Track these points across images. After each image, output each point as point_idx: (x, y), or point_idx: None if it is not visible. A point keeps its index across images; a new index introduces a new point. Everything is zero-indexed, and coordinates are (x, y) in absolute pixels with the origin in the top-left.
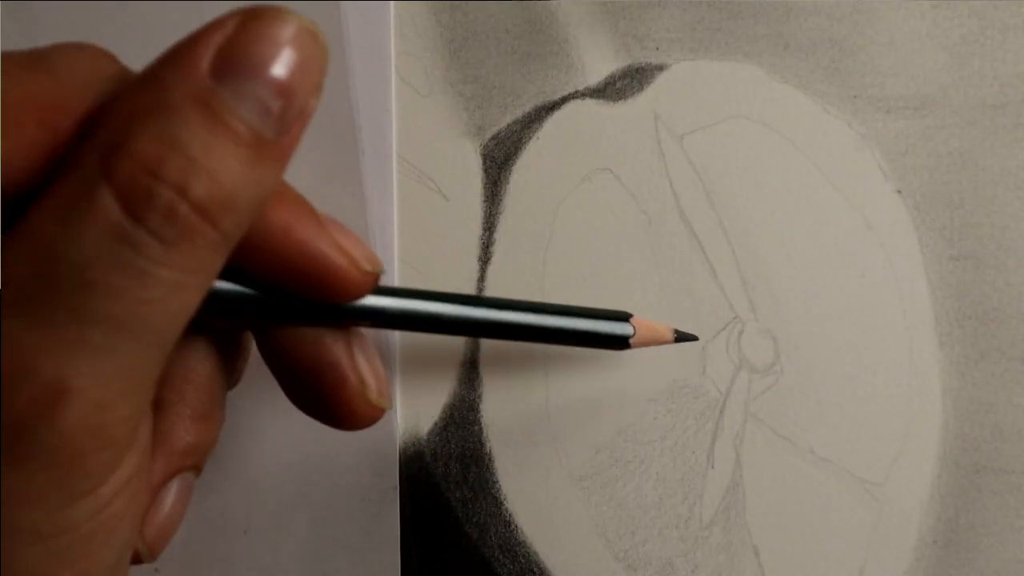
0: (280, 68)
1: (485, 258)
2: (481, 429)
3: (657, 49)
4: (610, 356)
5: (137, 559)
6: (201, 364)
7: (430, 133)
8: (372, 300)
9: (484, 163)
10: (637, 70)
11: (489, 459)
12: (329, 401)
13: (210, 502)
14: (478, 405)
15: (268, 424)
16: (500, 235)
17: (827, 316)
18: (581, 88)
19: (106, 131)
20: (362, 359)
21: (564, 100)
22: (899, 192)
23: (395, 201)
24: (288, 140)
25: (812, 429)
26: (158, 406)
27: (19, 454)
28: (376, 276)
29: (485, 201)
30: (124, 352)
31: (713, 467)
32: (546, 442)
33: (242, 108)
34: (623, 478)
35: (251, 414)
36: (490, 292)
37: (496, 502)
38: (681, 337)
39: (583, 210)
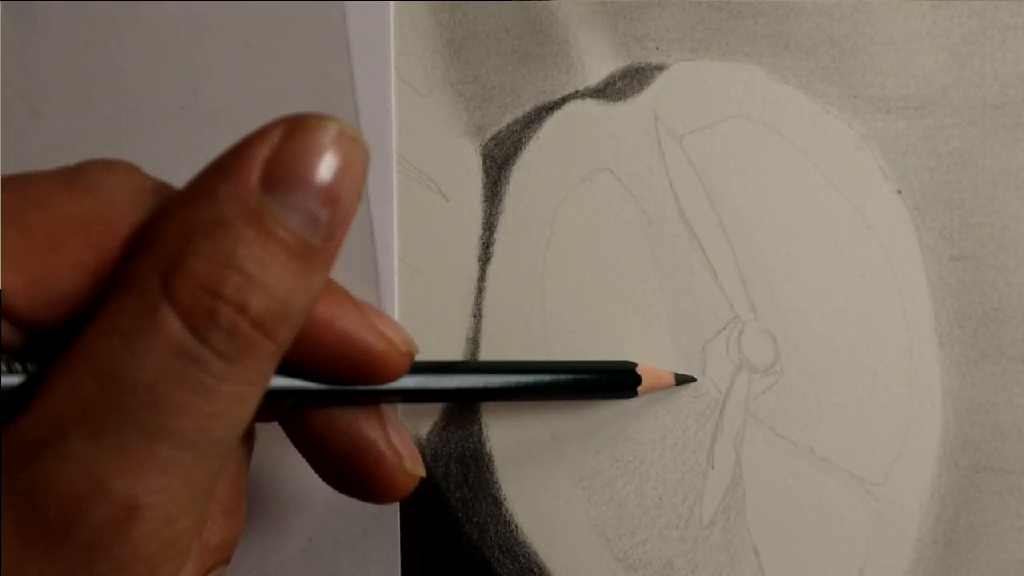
0: (326, 176)
1: (485, 258)
2: (481, 429)
3: (657, 49)
4: (610, 356)
5: None
6: (231, 461)
7: (430, 133)
8: (405, 379)
9: (484, 163)
10: (637, 70)
11: (489, 459)
12: (369, 478)
13: None
14: (478, 406)
15: (268, 424)
16: (500, 235)
17: (827, 316)
18: (581, 88)
19: (163, 249)
20: (395, 434)
21: (564, 100)
22: (899, 192)
23: (395, 201)
24: (334, 245)
25: (812, 429)
26: None
27: (95, 571)
28: (412, 356)
29: (485, 201)
30: (191, 466)
31: (713, 467)
32: (546, 442)
33: (291, 220)
34: (623, 478)
35: None
36: (490, 292)
37: (496, 502)
38: (681, 380)
39: (583, 210)
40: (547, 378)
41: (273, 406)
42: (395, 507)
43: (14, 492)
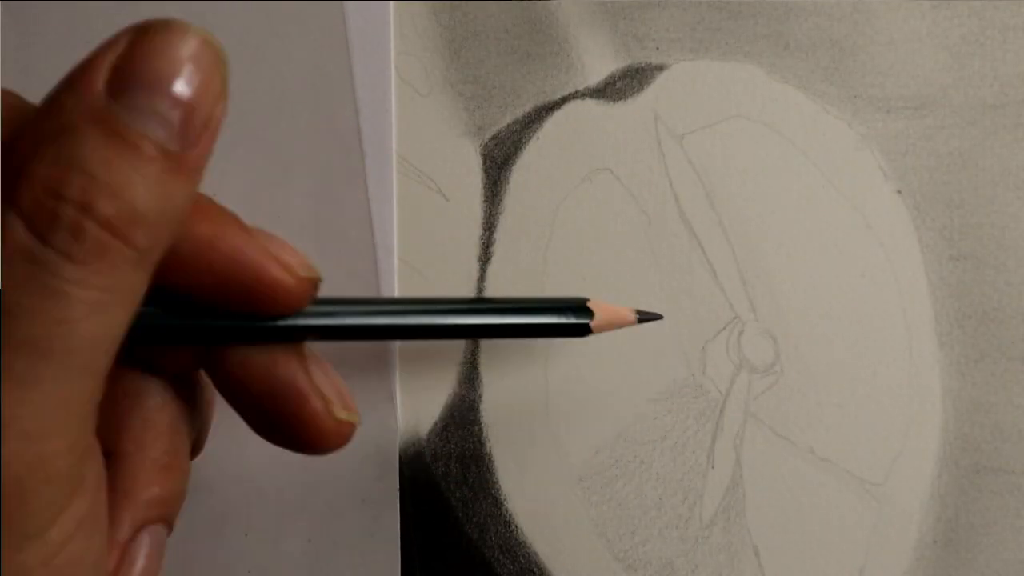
0: (176, 80)
1: (485, 258)
2: (481, 429)
3: (657, 49)
4: (610, 356)
5: None
6: (160, 412)
7: (430, 133)
8: (317, 311)
9: (484, 163)
10: (637, 70)
11: (489, 459)
12: (294, 424)
13: (210, 503)
14: (478, 405)
15: None
16: (500, 235)
17: (827, 316)
18: (581, 88)
19: (8, 161)
20: (320, 375)
21: (564, 100)
22: (899, 192)
23: (395, 201)
24: (197, 152)
25: (812, 429)
26: (118, 457)
27: None
28: (314, 282)
29: (485, 201)
30: (51, 379)
31: (713, 467)
32: (546, 442)
33: (141, 123)
34: (623, 478)
35: None
36: (490, 292)
37: (496, 502)
38: (644, 317)
39: (583, 210)
40: (490, 319)
41: (175, 342)
42: (395, 507)
43: None
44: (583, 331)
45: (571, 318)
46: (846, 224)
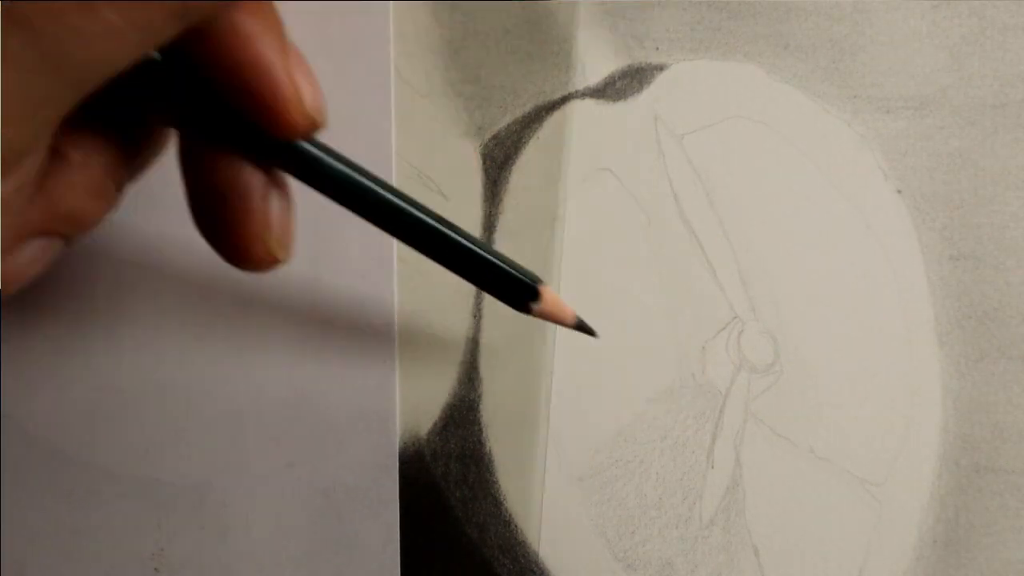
0: None
1: None
2: (481, 429)
3: (657, 49)
4: (610, 356)
5: None
6: (113, 137)
7: (430, 133)
8: (305, 147)
9: (484, 163)
10: (637, 70)
11: (489, 459)
12: (229, 231)
13: (210, 503)
14: (478, 405)
15: (269, 424)
16: (500, 235)
17: (827, 316)
18: (581, 88)
19: None
20: (276, 203)
21: (564, 100)
22: (899, 192)
23: None
24: None
25: (812, 429)
26: (59, 159)
27: None
28: (315, 124)
29: (485, 201)
30: (39, 72)
31: (713, 467)
32: (546, 442)
33: None
34: (623, 478)
35: (251, 414)
36: None
37: (496, 502)
38: (582, 327)
39: (583, 210)
40: (451, 234)
41: (166, 104)
42: (395, 507)
43: None
44: (523, 309)
45: (517, 290)
46: (846, 224)
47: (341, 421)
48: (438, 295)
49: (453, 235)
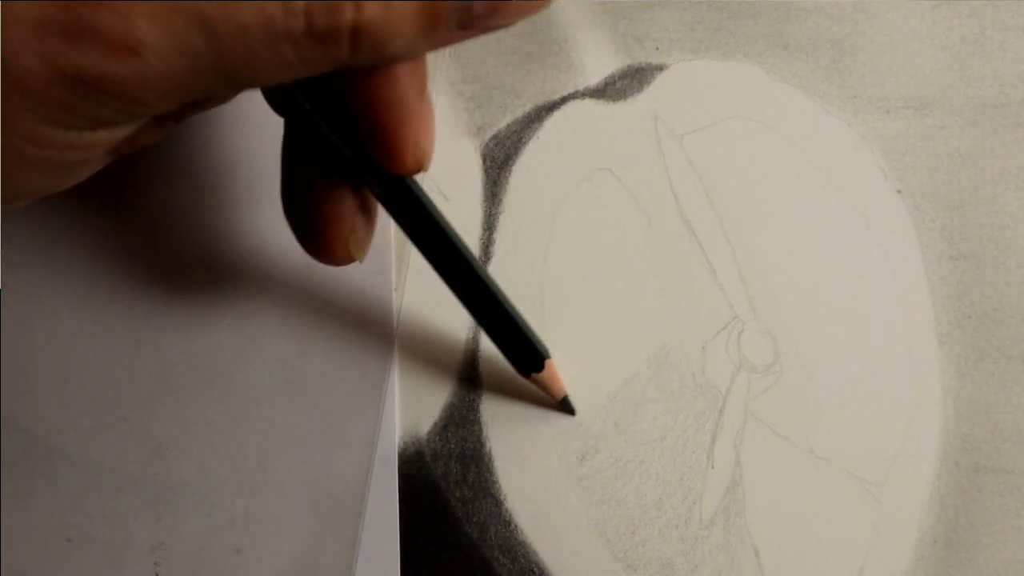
0: None
1: (485, 258)
2: (481, 429)
3: (657, 49)
4: (610, 355)
5: None
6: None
7: None
8: (408, 184)
9: (484, 163)
10: (637, 70)
11: (489, 459)
12: (319, 228)
13: (210, 501)
14: (478, 405)
15: (269, 424)
16: (500, 235)
17: (827, 316)
18: (581, 88)
19: None
20: (361, 218)
21: (564, 100)
22: (899, 192)
23: None
24: (459, 35)
25: (812, 429)
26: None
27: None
28: (421, 168)
29: (485, 201)
30: (211, 76)
31: (713, 467)
32: (546, 442)
33: None
34: (623, 478)
35: (252, 413)
36: None
37: (496, 502)
38: (564, 405)
39: (583, 210)
40: (498, 298)
41: (300, 117)
42: (395, 507)
43: None
44: (524, 373)
45: (527, 355)
46: (846, 224)
47: (341, 420)
48: (438, 295)
49: (497, 293)
